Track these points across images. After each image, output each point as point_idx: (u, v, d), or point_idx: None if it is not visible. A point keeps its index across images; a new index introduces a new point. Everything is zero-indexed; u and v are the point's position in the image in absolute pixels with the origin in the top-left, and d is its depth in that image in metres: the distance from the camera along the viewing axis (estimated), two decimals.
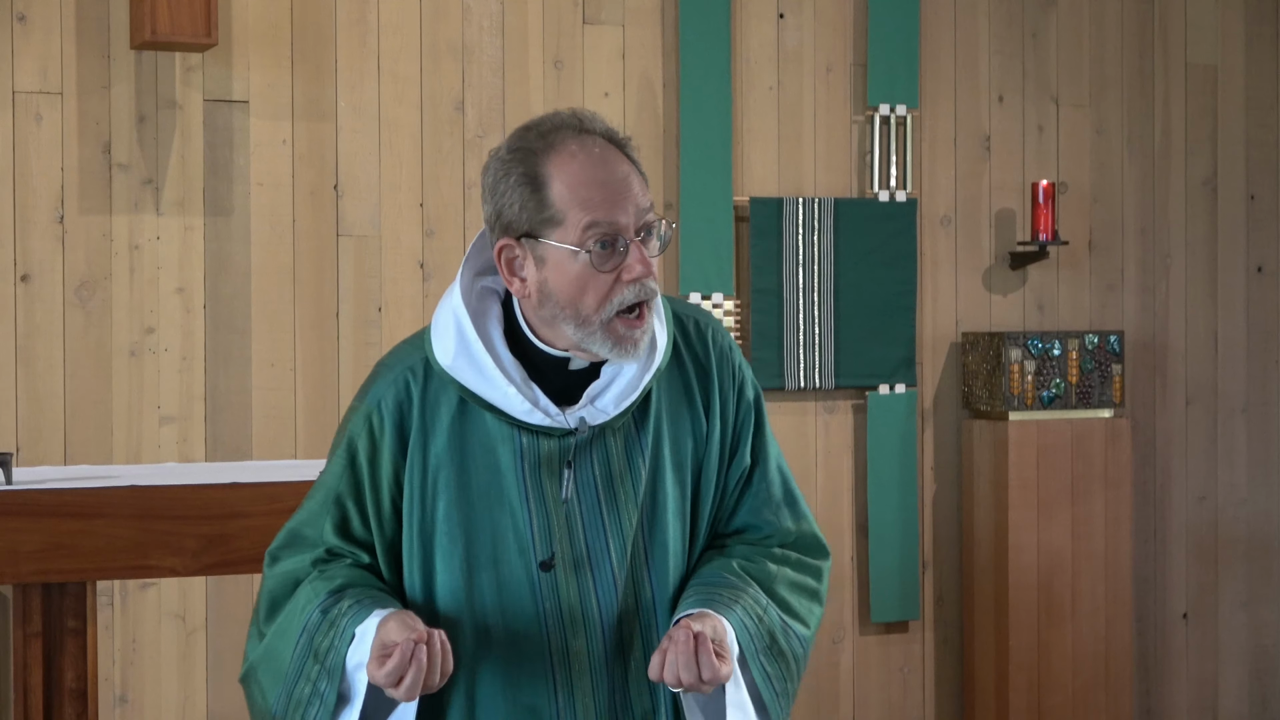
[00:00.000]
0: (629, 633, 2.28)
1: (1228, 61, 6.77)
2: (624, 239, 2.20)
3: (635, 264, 2.20)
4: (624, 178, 2.21)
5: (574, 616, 2.26)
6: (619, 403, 2.28)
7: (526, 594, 2.26)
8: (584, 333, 2.21)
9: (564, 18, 5.90)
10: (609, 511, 2.27)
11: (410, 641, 2.13)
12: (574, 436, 2.26)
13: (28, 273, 5.34)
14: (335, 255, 5.65)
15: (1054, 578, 6.23)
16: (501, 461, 2.26)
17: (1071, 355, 6.30)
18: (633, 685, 2.28)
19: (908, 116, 6.28)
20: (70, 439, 5.35)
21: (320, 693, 2.28)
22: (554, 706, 2.26)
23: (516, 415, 2.25)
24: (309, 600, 2.31)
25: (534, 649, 2.26)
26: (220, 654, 5.49)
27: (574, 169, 2.19)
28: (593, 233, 2.19)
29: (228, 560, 3.74)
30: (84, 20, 5.38)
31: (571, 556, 2.26)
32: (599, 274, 2.19)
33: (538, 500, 2.26)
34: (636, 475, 2.29)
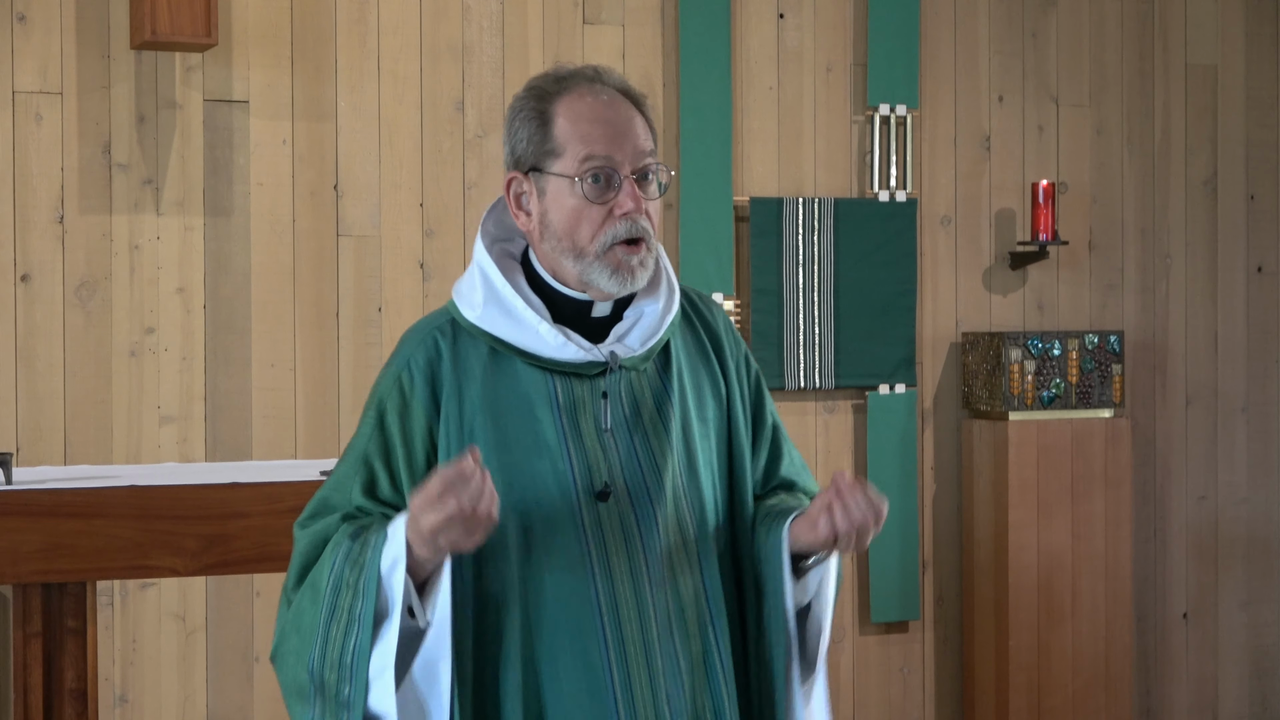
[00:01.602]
0: (676, 567, 2.31)
1: (1228, 61, 6.77)
2: (619, 175, 2.29)
3: (626, 199, 2.28)
4: (626, 120, 2.32)
5: (619, 551, 2.29)
6: (644, 341, 2.36)
7: (571, 534, 2.28)
8: (582, 265, 2.29)
9: (564, 18, 5.90)
10: (643, 448, 2.33)
11: (452, 469, 2.11)
12: (604, 376, 2.32)
13: (28, 273, 5.34)
14: (335, 255, 5.65)
15: (1054, 578, 6.23)
16: (536, 406, 2.30)
17: (1071, 355, 6.30)
18: (679, 622, 2.31)
19: (908, 116, 6.28)
20: (70, 439, 5.35)
21: (357, 617, 2.23)
22: (603, 645, 2.28)
23: (550, 353, 2.29)
24: (336, 544, 2.29)
25: (580, 587, 2.28)
26: (220, 654, 5.49)
27: (580, 107, 2.31)
28: (588, 165, 2.28)
29: (228, 560, 3.74)
30: (84, 20, 5.38)
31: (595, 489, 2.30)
32: (592, 206, 2.28)
33: (575, 439, 2.30)
34: (666, 417, 2.34)
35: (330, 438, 5.61)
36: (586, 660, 2.26)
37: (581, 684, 2.26)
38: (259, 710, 5.54)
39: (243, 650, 5.52)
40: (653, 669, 2.27)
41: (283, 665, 2.38)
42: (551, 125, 2.32)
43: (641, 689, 2.27)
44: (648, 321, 2.37)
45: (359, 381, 5.63)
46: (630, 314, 2.38)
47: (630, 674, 2.26)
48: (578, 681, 2.26)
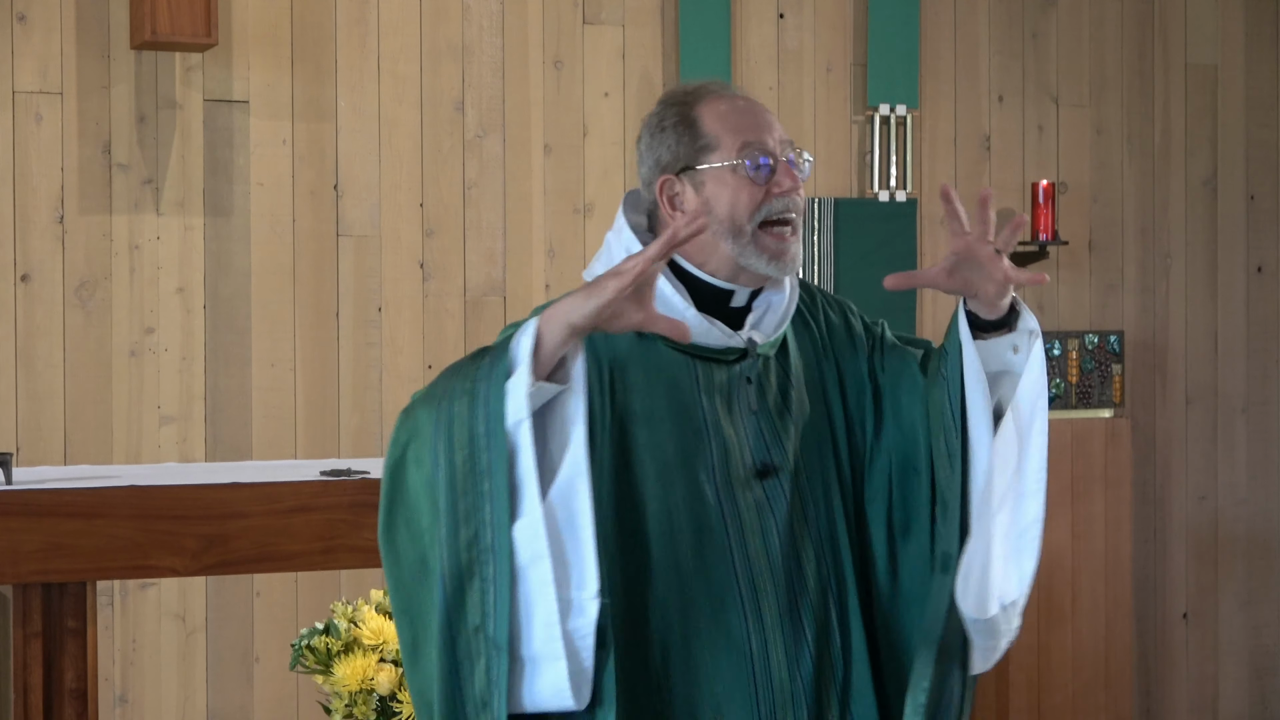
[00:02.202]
0: (800, 541, 2.45)
1: (1228, 61, 6.77)
2: (775, 157, 2.43)
3: (784, 178, 2.43)
4: (765, 113, 2.47)
5: (754, 526, 2.42)
6: (776, 328, 2.49)
7: (714, 508, 2.40)
8: (739, 246, 2.42)
9: (564, 18, 5.90)
10: (773, 430, 2.46)
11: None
12: (742, 362, 2.44)
13: (28, 273, 5.34)
14: (335, 255, 5.65)
15: (1054, 578, 6.23)
16: (683, 387, 2.42)
17: (1071, 355, 6.30)
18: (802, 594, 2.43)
19: (908, 116, 6.28)
20: (70, 439, 5.35)
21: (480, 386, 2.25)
22: (742, 614, 2.40)
23: (696, 338, 2.39)
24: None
25: (723, 561, 2.40)
26: (220, 654, 5.49)
27: (722, 107, 2.45)
28: (747, 151, 2.42)
29: (228, 560, 3.74)
30: (84, 20, 5.38)
31: (754, 467, 2.44)
32: (753, 186, 2.41)
33: (715, 425, 2.42)
34: (790, 401, 2.49)
35: (330, 438, 5.61)
36: (728, 629, 2.39)
37: (722, 654, 2.38)
38: (259, 710, 5.54)
39: (243, 650, 5.52)
40: (786, 639, 2.41)
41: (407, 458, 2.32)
42: (699, 125, 2.44)
43: (777, 660, 2.40)
44: (775, 311, 2.51)
45: (359, 381, 5.63)
46: (759, 304, 2.50)
47: (769, 645, 2.40)
48: (718, 651, 2.38)
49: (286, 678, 5.50)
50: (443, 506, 2.24)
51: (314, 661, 4.24)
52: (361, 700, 4.16)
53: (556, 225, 5.87)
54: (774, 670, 2.40)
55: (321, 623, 4.29)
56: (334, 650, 4.21)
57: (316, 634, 4.26)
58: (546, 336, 2.22)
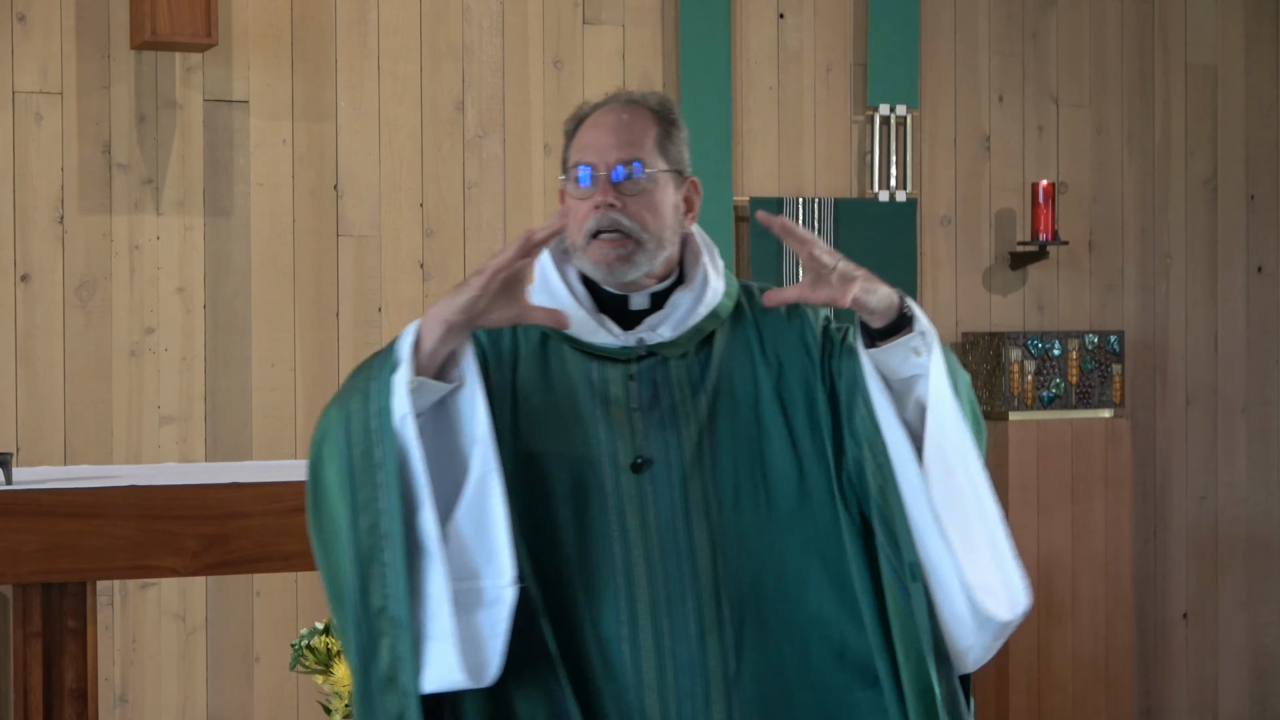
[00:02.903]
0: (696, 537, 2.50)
1: (1228, 61, 6.77)
2: (594, 174, 2.52)
3: (597, 194, 2.51)
4: (614, 127, 2.56)
5: (636, 518, 2.50)
6: (675, 329, 2.56)
7: (598, 503, 2.49)
8: (580, 258, 2.55)
9: (564, 18, 5.90)
10: (670, 425, 2.52)
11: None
12: (638, 363, 2.53)
13: (28, 273, 5.34)
14: (335, 255, 5.65)
15: (1054, 578, 6.23)
16: (576, 384, 2.54)
17: (1071, 355, 6.31)
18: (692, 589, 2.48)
19: (908, 116, 6.28)
20: (70, 439, 5.35)
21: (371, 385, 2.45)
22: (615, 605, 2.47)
23: (586, 338, 2.53)
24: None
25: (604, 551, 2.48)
26: (220, 654, 5.49)
27: (591, 120, 2.59)
28: (573, 171, 2.55)
29: (228, 560, 3.74)
30: (84, 20, 5.38)
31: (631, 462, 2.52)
32: (577, 203, 2.53)
33: (605, 417, 2.52)
34: (697, 398, 2.54)
35: None
36: (601, 616, 2.47)
37: (593, 639, 2.47)
38: (259, 710, 5.54)
39: (243, 650, 5.52)
40: (658, 629, 2.46)
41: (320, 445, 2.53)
42: (573, 138, 2.60)
43: (647, 648, 2.46)
44: (681, 312, 2.57)
45: None
46: (669, 305, 2.59)
47: (639, 633, 2.46)
48: (591, 636, 2.47)
49: (286, 678, 5.50)
50: (346, 497, 2.41)
51: (314, 661, 4.24)
52: None
53: None
54: (643, 659, 2.46)
55: (321, 623, 4.29)
56: (334, 650, 4.21)
57: (316, 634, 4.26)
58: (425, 335, 2.39)
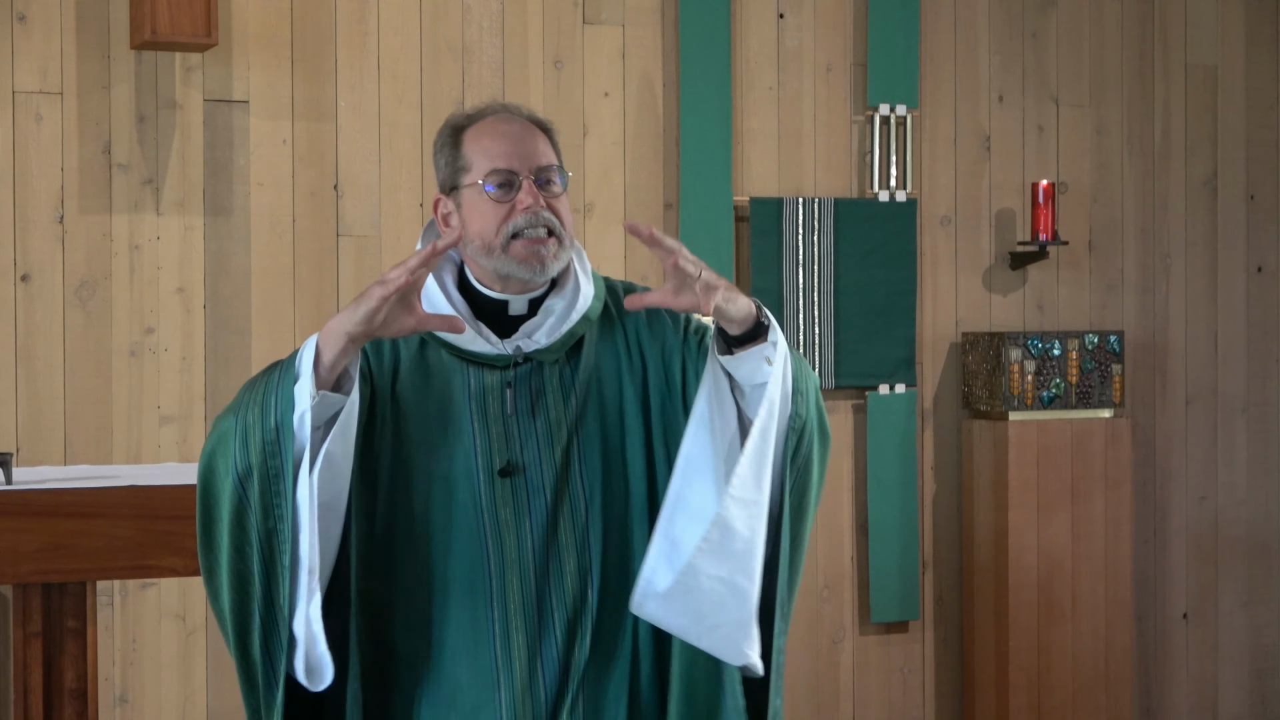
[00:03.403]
0: (563, 537, 2.61)
1: (1228, 61, 6.77)
2: (519, 178, 2.61)
3: (525, 196, 2.59)
4: (524, 136, 2.64)
5: (509, 520, 2.59)
6: (549, 335, 2.64)
7: (470, 505, 2.59)
8: (493, 260, 2.61)
9: (564, 18, 5.90)
10: (542, 433, 2.62)
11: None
12: (514, 369, 2.62)
13: (28, 273, 5.34)
14: (335, 255, 5.65)
15: (1054, 578, 6.23)
16: (454, 393, 2.62)
17: (1071, 355, 6.31)
18: (557, 586, 2.60)
19: (908, 116, 6.28)
20: (70, 439, 5.36)
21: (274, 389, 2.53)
22: (488, 603, 2.58)
23: (464, 345, 2.61)
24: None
25: (475, 551, 2.59)
26: (220, 654, 5.49)
27: (483, 129, 2.65)
28: (493, 176, 2.61)
29: None
30: (84, 20, 5.38)
31: (501, 467, 2.62)
32: (497, 206, 2.60)
33: (481, 423, 2.61)
34: (569, 402, 2.64)
35: None
36: (474, 615, 2.57)
37: (467, 637, 2.57)
38: None
39: None
40: (529, 627, 2.57)
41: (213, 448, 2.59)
42: (461, 148, 2.64)
43: (518, 644, 2.57)
44: (554, 317, 2.65)
45: None
46: (542, 312, 2.66)
47: (510, 630, 2.57)
48: (463, 634, 2.57)
49: None
50: (235, 506, 2.51)
51: None
52: None
53: None
54: (515, 657, 2.56)
55: None
56: None
57: None
58: (325, 349, 2.47)
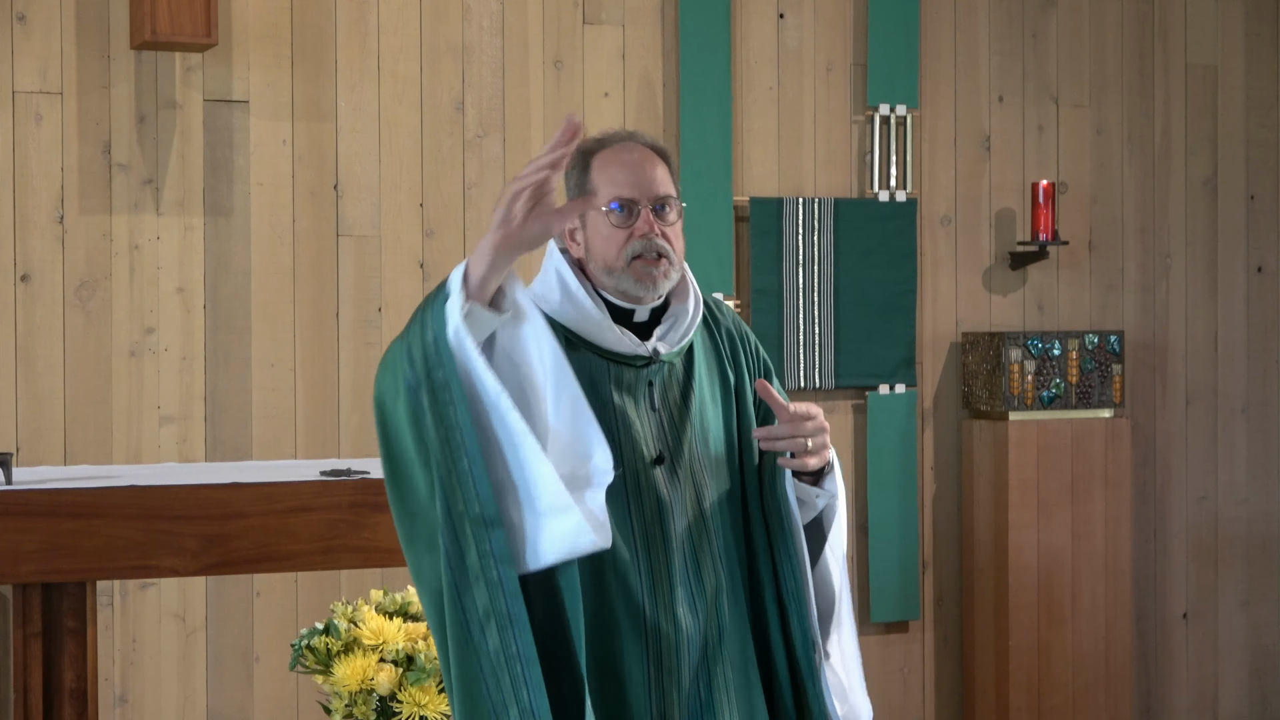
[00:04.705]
0: (692, 516, 2.92)
1: (1228, 61, 6.77)
2: (637, 207, 2.89)
3: (643, 224, 2.89)
4: (645, 165, 2.94)
5: (653, 502, 2.88)
6: (679, 339, 2.96)
7: (620, 488, 2.83)
8: (613, 278, 2.90)
9: (564, 18, 5.90)
10: (671, 426, 2.93)
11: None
12: (649, 367, 2.91)
13: (28, 273, 5.34)
14: (335, 255, 5.65)
15: (1054, 578, 6.23)
16: (600, 385, 2.88)
17: (1071, 355, 6.31)
18: (691, 559, 2.90)
19: (908, 116, 6.28)
20: (70, 439, 5.36)
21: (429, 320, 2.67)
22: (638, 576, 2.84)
23: (611, 345, 2.89)
24: None
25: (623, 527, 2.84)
26: (220, 654, 5.50)
27: (609, 156, 2.93)
28: (615, 203, 2.89)
29: (228, 560, 3.74)
30: (84, 20, 5.38)
31: (653, 456, 2.90)
32: (617, 231, 2.89)
33: (622, 416, 2.88)
34: (689, 402, 2.96)
35: (330, 438, 5.61)
36: (626, 585, 2.84)
37: (622, 604, 2.84)
38: (259, 710, 5.54)
39: (243, 650, 5.53)
40: (674, 594, 2.85)
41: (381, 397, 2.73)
42: (589, 172, 2.92)
43: (664, 609, 2.84)
44: (680, 325, 2.97)
45: (359, 381, 5.63)
46: (668, 317, 2.97)
47: (657, 596, 2.84)
48: (618, 601, 2.84)
49: (286, 678, 5.50)
50: (412, 419, 2.66)
51: (314, 661, 4.24)
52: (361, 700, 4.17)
53: None
54: (663, 625, 2.84)
55: (321, 623, 4.30)
56: (334, 650, 4.22)
57: (316, 634, 4.26)
58: (473, 265, 2.68)
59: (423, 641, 4.23)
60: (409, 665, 4.19)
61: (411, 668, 4.18)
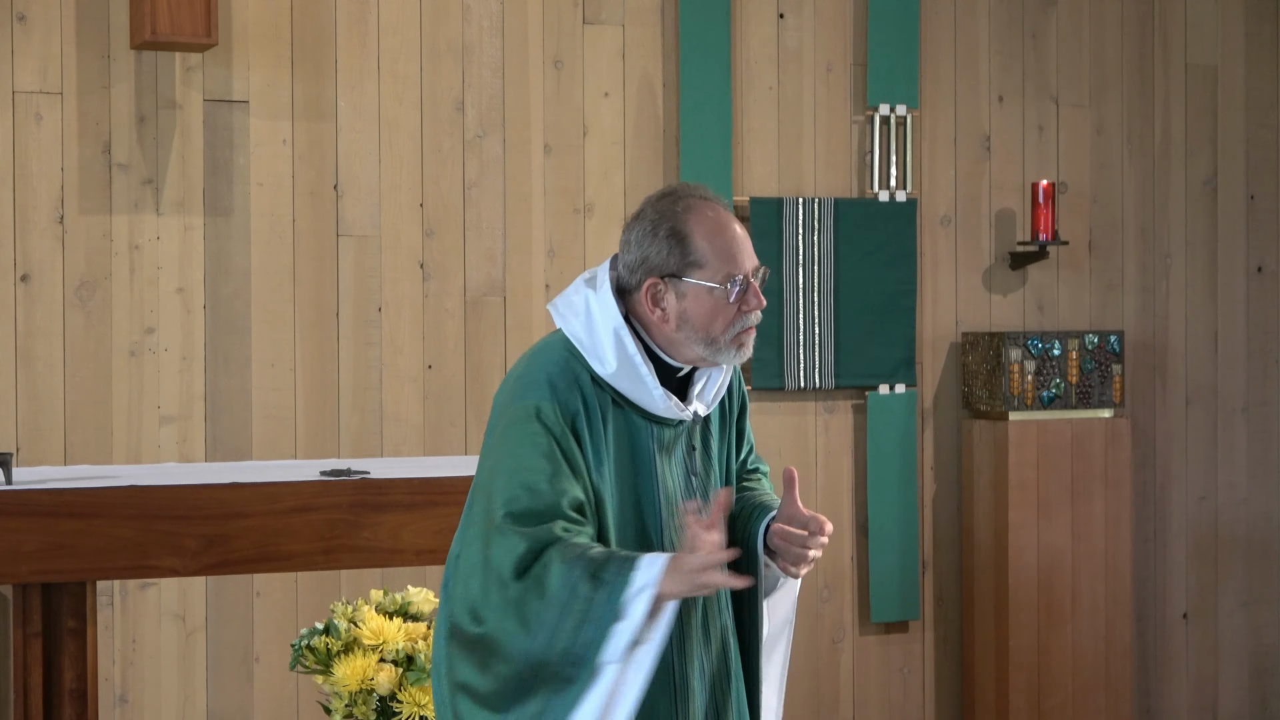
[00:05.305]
0: None
1: (1228, 61, 6.77)
2: (746, 279, 2.96)
3: (752, 298, 2.97)
4: (745, 236, 2.99)
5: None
6: (714, 400, 3.08)
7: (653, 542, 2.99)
8: (712, 350, 2.97)
9: (564, 18, 5.90)
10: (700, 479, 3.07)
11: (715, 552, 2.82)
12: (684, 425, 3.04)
13: (28, 273, 5.34)
14: (335, 255, 5.65)
15: (1054, 578, 6.23)
16: (641, 444, 2.99)
17: (1071, 355, 6.31)
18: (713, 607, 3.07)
19: (908, 116, 6.28)
20: (70, 439, 5.36)
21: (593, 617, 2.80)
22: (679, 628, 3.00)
23: (658, 411, 2.98)
24: (565, 554, 2.83)
25: None
26: (220, 654, 5.50)
27: (711, 227, 2.95)
28: (729, 277, 2.94)
29: (228, 560, 3.74)
30: (84, 20, 5.38)
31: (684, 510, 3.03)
32: (729, 305, 2.94)
33: (663, 478, 3.00)
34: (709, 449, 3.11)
35: (330, 438, 5.61)
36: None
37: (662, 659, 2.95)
38: (259, 710, 5.55)
39: (243, 650, 5.53)
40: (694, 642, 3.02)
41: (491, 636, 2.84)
42: (689, 241, 2.94)
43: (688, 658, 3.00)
44: (715, 383, 3.07)
45: (359, 381, 5.63)
46: (699, 376, 3.06)
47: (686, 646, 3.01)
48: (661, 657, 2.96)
49: (286, 678, 5.50)
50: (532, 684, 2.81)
51: (314, 661, 4.24)
52: (361, 700, 4.17)
53: (556, 225, 5.87)
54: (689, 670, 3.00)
55: (321, 623, 4.30)
56: (334, 650, 4.22)
57: (316, 634, 4.26)
58: (667, 591, 2.78)
59: (422, 641, 4.24)
60: (409, 665, 4.19)
61: (411, 668, 4.18)
